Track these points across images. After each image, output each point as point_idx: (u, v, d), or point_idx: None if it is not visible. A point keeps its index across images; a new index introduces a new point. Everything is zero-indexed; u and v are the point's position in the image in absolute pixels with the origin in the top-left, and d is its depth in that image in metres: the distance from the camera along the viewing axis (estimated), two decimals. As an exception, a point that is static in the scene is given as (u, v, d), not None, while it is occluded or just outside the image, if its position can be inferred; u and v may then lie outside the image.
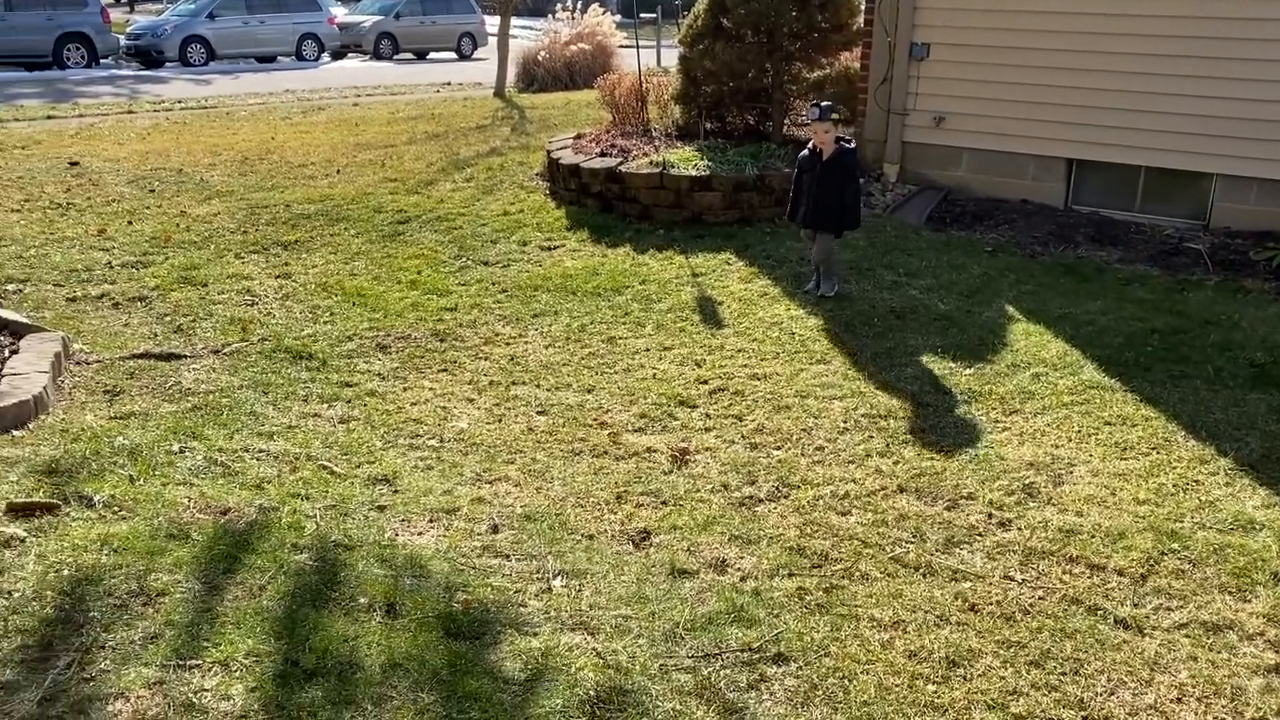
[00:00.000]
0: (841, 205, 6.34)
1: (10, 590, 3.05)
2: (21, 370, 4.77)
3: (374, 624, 3.08)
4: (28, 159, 10.81)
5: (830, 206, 6.32)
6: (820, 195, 6.35)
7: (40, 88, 18.68)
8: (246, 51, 26.09)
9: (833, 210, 6.33)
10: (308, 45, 26.93)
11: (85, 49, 23.32)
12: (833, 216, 6.35)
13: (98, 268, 7.03)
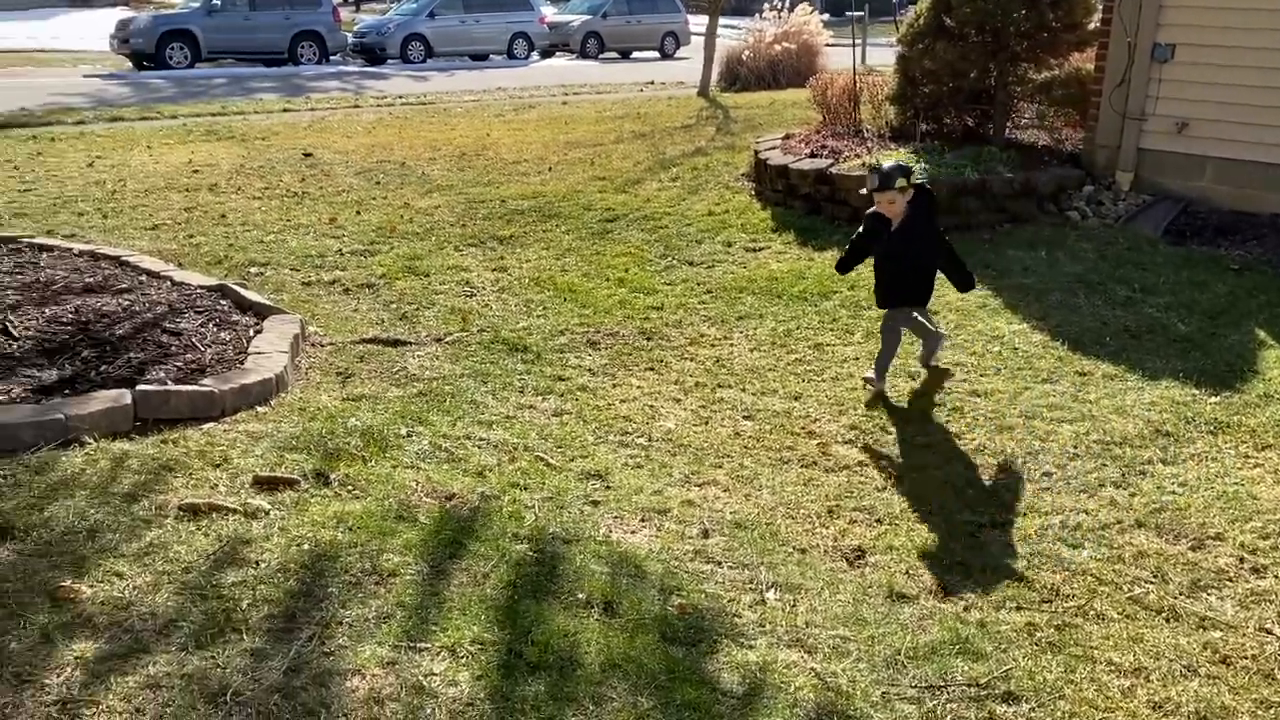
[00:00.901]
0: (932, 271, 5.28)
1: (258, 560, 3.23)
2: (265, 350, 5.09)
3: (592, 621, 3.10)
4: (267, 149, 11.60)
5: (921, 282, 5.25)
6: (904, 272, 5.21)
7: (276, 82, 20.05)
8: (462, 49, 27.22)
9: (923, 281, 5.26)
10: (519, 44, 27.85)
11: (317, 46, 24.91)
12: (922, 287, 5.28)
13: (329, 254, 7.45)
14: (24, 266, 6.16)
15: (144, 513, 3.43)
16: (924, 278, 5.25)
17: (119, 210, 8.51)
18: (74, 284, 5.82)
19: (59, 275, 6.00)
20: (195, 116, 14.55)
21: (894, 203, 5.02)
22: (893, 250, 5.17)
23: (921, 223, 5.10)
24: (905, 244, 5.11)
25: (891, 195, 5.00)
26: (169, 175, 10.03)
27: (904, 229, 5.08)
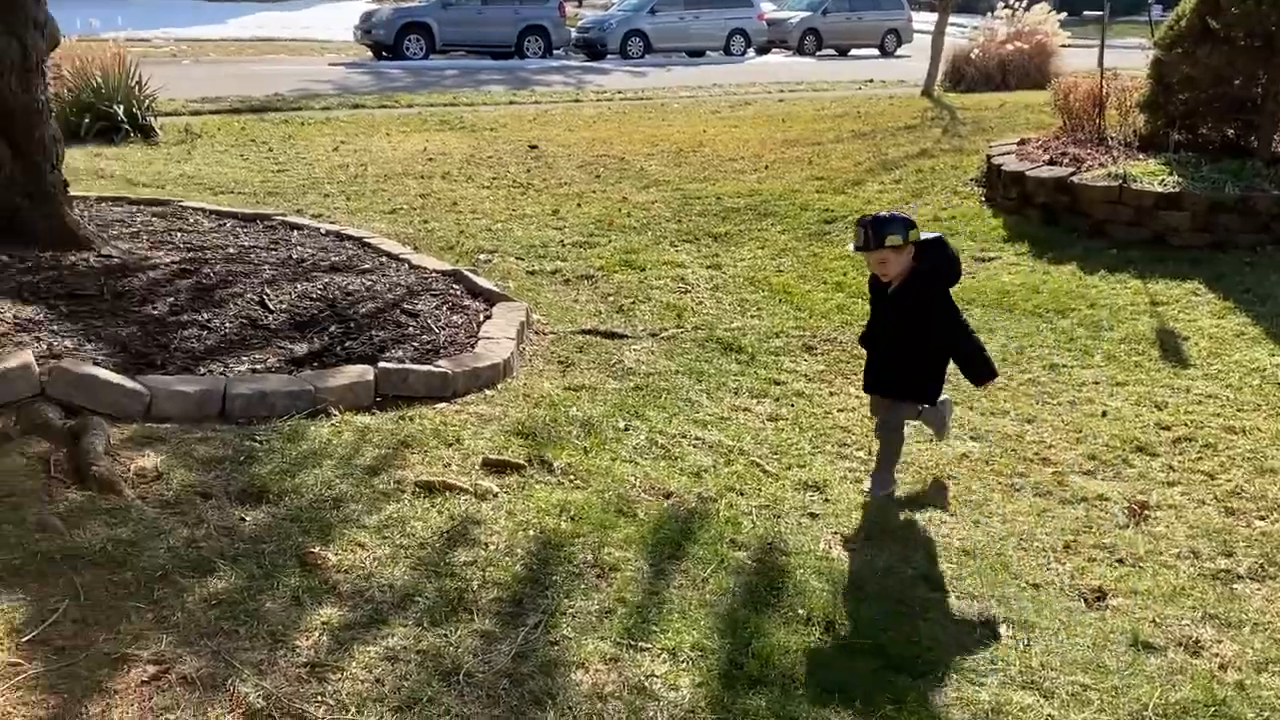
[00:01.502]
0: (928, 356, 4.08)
1: (487, 542, 3.32)
2: (493, 335, 5.25)
3: (813, 639, 3.02)
4: (495, 140, 12.05)
5: (913, 364, 4.07)
6: (895, 346, 4.11)
7: (503, 75, 20.84)
8: (679, 46, 27.46)
9: (917, 369, 4.08)
10: (736, 40, 27.84)
11: (542, 40, 25.72)
12: (917, 378, 4.12)
13: (552, 245, 7.64)
14: (278, 243, 6.61)
15: (383, 486, 3.59)
16: (906, 363, 4.06)
17: (361, 193, 9.03)
18: (322, 262, 6.20)
19: (308, 253, 6.41)
20: (429, 106, 15.29)
21: (885, 263, 3.93)
22: (880, 322, 4.17)
23: (921, 290, 3.95)
24: (893, 315, 4.07)
25: (882, 255, 3.90)
26: (405, 162, 10.57)
27: (898, 296, 4.00)
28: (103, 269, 5.44)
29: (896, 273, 3.94)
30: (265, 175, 9.67)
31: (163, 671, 2.53)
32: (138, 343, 4.54)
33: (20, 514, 3.14)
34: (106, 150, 10.38)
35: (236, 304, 5.20)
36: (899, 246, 3.86)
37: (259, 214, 7.42)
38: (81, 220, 6.05)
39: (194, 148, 11.00)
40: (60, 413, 3.84)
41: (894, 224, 3.89)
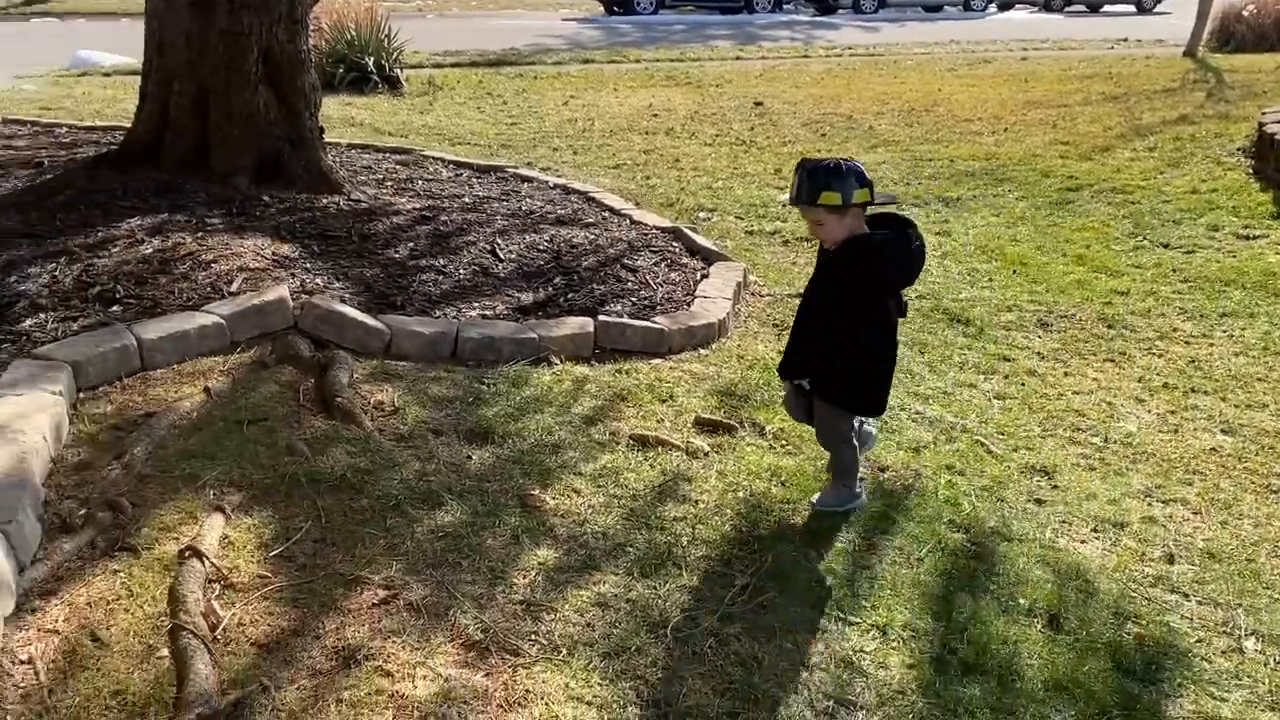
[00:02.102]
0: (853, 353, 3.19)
1: (697, 500, 3.33)
2: (710, 294, 5.24)
3: (1034, 632, 2.86)
4: (720, 97, 11.98)
5: (830, 349, 3.22)
6: (814, 323, 3.29)
7: (731, 30, 20.66)
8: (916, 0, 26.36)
9: (836, 357, 3.21)
10: (977, -5, 26.48)
11: (773, -6, 25.34)
12: (833, 371, 3.24)
13: (772, 205, 7.53)
14: (509, 195, 6.83)
15: (599, 436, 3.66)
16: (808, 344, 3.28)
17: (587, 148, 9.19)
18: (549, 215, 6.36)
19: (537, 205, 6.59)
20: (656, 62, 15.36)
21: (820, 225, 3.08)
22: (807, 292, 3.36)
23: (852, 271, 3.09)
24: (817, 288, 3.29)
25: (817, 215, 3.05)
26: (631, 117, 10.68)
27: (829, 267, 3.21)
28: (351, 212, 5.79)
29: (835, 237, 3.09)
30: (499, 128, 10.01)
31: (391, 596, 2.68)
32: (380, 284, 4.81)
33: (273, 437, 3.40)
34: (357, 100, 11.03)
35: (470, 252, 5.41)
36: (838, 209, 2.99)
37: (493, 165, 7.70)
38: (334, 165, 6.45)
39: (435, 99, 11.51)
40: (310, 345, 4.13)
41: (837, 177, 2.96)
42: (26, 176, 6.12)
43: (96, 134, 7.71)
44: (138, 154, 6.05)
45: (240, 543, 2.86)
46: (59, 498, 3.00)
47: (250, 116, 5.87)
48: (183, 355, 3.94)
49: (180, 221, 5.23)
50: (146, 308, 4.21)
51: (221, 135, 5.90)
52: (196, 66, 5.81)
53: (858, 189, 2.99)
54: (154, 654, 2.41)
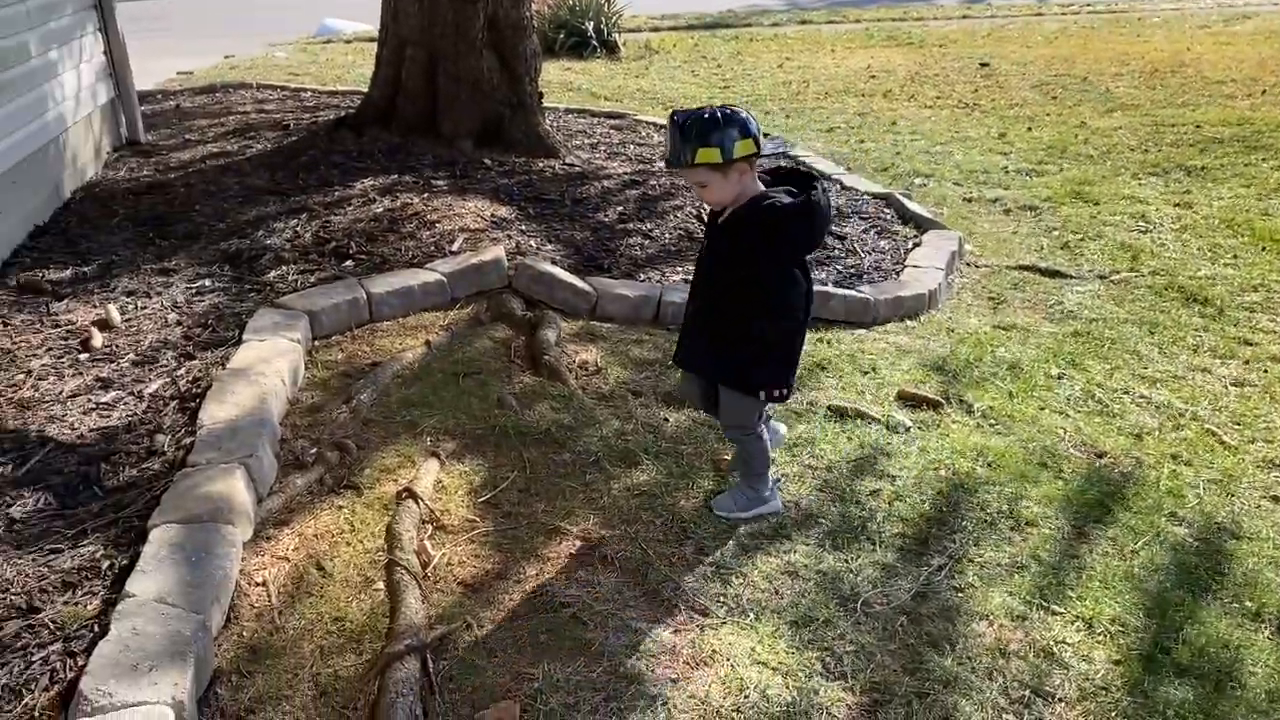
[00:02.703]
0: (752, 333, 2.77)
1: (895, 475, 3.26)
2: (921, 264, 5.07)
3: (1261, 638, 2.64)
4: (943, 57, 11.49)
5: (730, 331, 2.81)
6: (711, 304, 2.85)
7: (958, -12, 19.72)
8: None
9: (736, 339, 2.80)
10: (1239, -58, 24.08)
11: (1004, -50, 23.93)
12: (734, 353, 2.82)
13: (994, 171, 7.19)
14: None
15: (796, 405, 3.64)
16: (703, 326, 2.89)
17: (800, 110, 9.05)
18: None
19: (746, 169, 6.55)
20: (877, 21, 14.89)
21: (704, 187, 2.69)
22: (699, 264, 2.95)
23: (745, 235, 2.68)
24: (710, 257, 2.87)
25: (697, 175, 2.66)
26: (847, 79, 10.42)
27: (720, 232, 2.77)
28: (565, 176, 5.95)
29: (722, 200, 2.70)
30: (712, 91, 10.00)
31: (589, 548, 2.78)
32: (589, 246, 4.93)
33: (485, 390, 3.57)
34: (575, 65, 11.29)
35: (676, 216, 5.46)
36: (719, 167, 2.59)
37: (703, 129, 7.70)
38: (551, 130, 6.64)
39: (651, 63, 11.62)
40: (522, 304, 4.30)
41: (712, 129, 2.55)
42: (275, 138, 6.63)
43: (337, 98, 8.24)
44: (372, 117, 6.43)
45: (452, 488, 3.04)
46: (293, 436, 3.26)
47: (476, 82, 6.12)
48: (406, 309, 4.18)
49: (408, 182, 5.54)
50: (376, 264, 4.49)
51: (449, 100, 6.18)
52: (427, 33, 6.09)
53: (739, 140, 2.55)
54: (370, 586, 2.60)
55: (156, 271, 4.50)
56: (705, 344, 2.87)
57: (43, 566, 2.56)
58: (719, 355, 2.83)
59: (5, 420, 3.26)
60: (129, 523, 2.73)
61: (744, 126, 2.57)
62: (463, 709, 2.23)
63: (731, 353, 2.79)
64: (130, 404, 3.38)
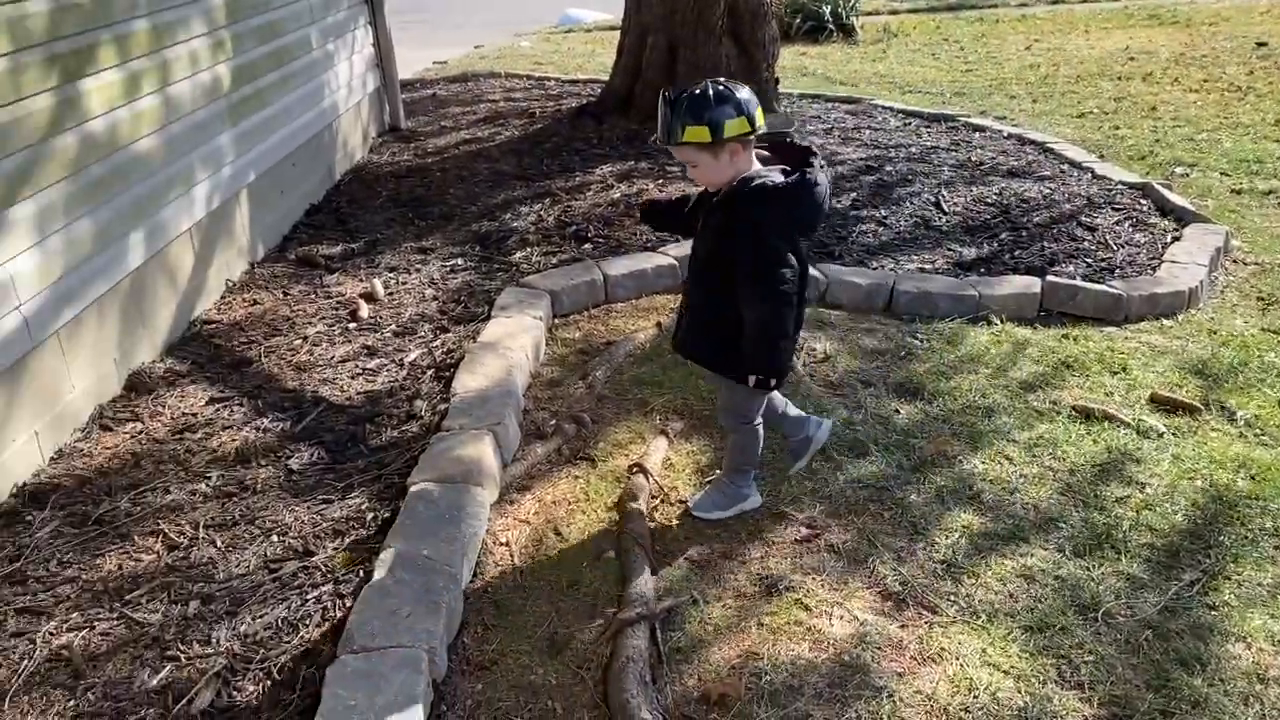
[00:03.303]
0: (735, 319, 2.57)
1: (1144, 483, 3.07)
2: (1180, 259, 4.73)
3: None
4: (1213, 37, 10.59)
5: (719, 315, 2.62)
6: (701, 286, 2.71)
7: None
8: None
9: (723, 324, 2.60)
10: None
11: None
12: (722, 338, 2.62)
13: (1269, 161, 6.58)
14: (958, 145, 6.60)
15: (1037, 404, 3.50)
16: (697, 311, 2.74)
17: (1048, 95, 8.59)
18: (1000, 166, 6.06)
19: (987, 156, 6.30)
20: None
21: (694, 166, 2.53)
22: (693, 246, 2.74)
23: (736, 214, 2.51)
24: (702, 238, 2.68)
25: (687, 154, 2.50)
26: (1102, 61, 9.79)
27: (714, 212, 2.59)
28: (798, 162, 5.93)
29: (713, 182, 2.56)
30: (953, 75, 9.65)
31: (814, 535, 2.79)
32: (820, 232, 4.90)
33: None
34: (810, 49, 11.17)
35: (912, 203, 5.34)
36: (708, 146, 2.46)
37: (943, 114, 7.46)
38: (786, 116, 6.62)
39: (889, 46, 11.34)
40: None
41: (703, 106, 2.43)
42: (521, 125, 6.96)
43: (578, 86, 8.54)
44: (613, 105, 6.63)
45: (680, 465, 3.12)
46: (535, 408, 3.44)
47: (713, 69, 6.19)
48: (640, 291, 4.31)
49: (644, 169, 5.68)
50: (612, 247, 4.65)
51: (685, 87, 6.28)
52: (669, 21, 6.22)
53: (733, 119, 2.42)
54: (603, 553, 2.72)
55: (415, 250, 4.84)
56: (697, 329, 2.75)
57: (316, 514, 2.84)
58: (709, 340, 2.71)
59: (285, 381, 3.62)
60: (390, 479, 2.97)
61: (739, 105, 2.44)
62: (688, 679, 2.30)
63: (719, 337, 2.65)
64: (392, 371, 3.67)
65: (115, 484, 3.01)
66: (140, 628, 2.42)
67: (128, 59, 3.67)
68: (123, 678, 2.27)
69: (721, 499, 2.91)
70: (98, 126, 3.46)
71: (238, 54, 4.62)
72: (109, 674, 2.29)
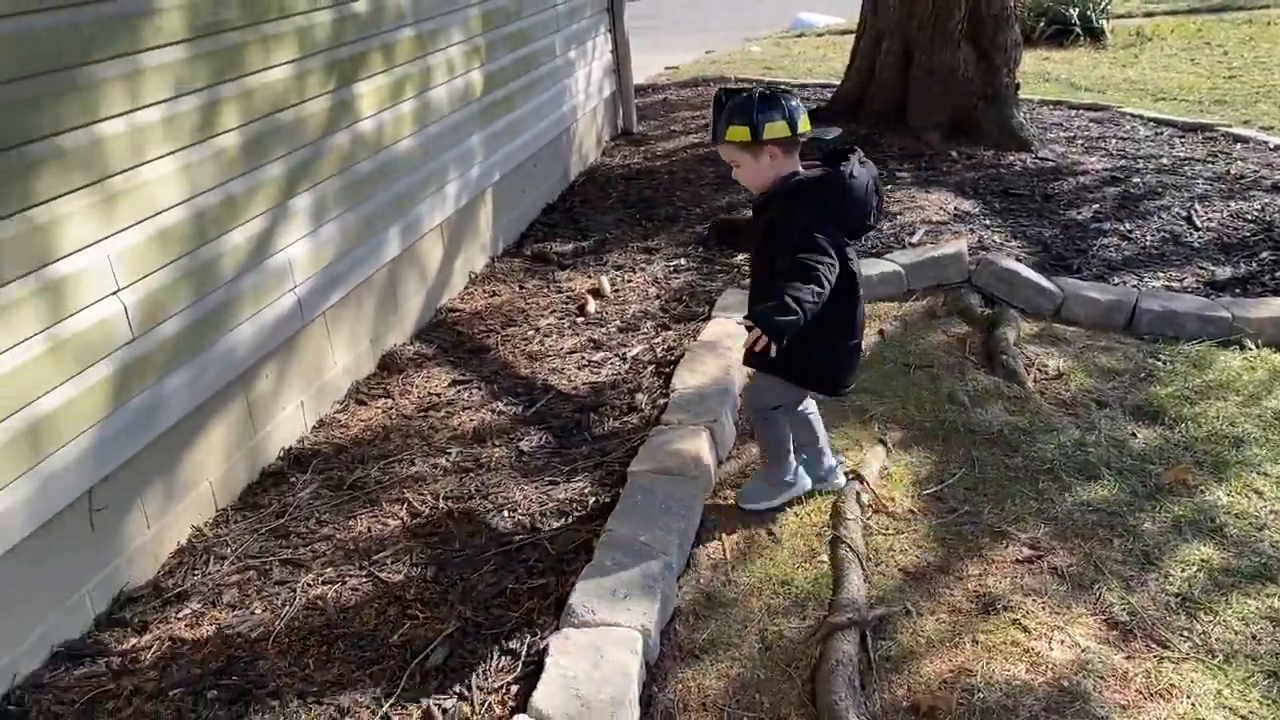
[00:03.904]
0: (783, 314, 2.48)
1: None
2: None
3: None
4: None
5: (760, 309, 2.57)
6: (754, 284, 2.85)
7: None
8: None
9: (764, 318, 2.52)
10: None
11: None
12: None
13: None
14: (1216, 156, 6.15)
15: (1299, 436, 3.24)
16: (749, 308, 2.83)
17: (1326, 103, 7.85)
18: (1263, 180, 5.61)
19: (1249, 169, 5.84)
20: None
21: (736, 166, 2.70)
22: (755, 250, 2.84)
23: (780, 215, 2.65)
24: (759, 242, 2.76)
25: (728, 152, 2.67)
26: (1394, 66, 8.84)
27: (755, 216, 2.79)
28: (1036, 171, 5.70)
29: (754, 183, 2.71)
30: (1214, 81, 8.96)
31: (1036, 556, 2.70)
32: (1058, 245, 4.71)
33: (936, 384, 3.58)
34: (1054, 54, 10.65)
35: (1161, 217, 5.03)
36: (749, 146, 2.60)
37: (1200, 124, 6.96)
38: (1024, 122, 6.38)
39: (1141, 51, 10.65)
40: (980, 300, 4.22)
41: (747, 108, 2.57)
42: (749, 129, 7.01)
43: (808, 90, 8.52)
44: (842, 109, 6.60)
45: (897, 476, 3.10)
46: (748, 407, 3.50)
47: (949, 73, 6.05)
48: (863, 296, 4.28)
49: (872, 174, 5.62)
50: (836, 252, 4.63)
51: (920, 91, 6.17)
52: (905, 25, 6.12)
53: (775, 122, 2.56)
54: (815, 557, 2.74)
55: (641, 249, 5.00)
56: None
57: (543, 494, 3.01)
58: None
59: (519, 368, 3.84)
60: (610, 466, 3.11)
61: (783, 110, 2.58)
62: (897, 689, 2.29)
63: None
64: (615, 365, 3.82)
65: (367, 454, 3.30)
66: (385, 586, 2.64)
67: (394, 65, 3.99)
68: (368, 630, 2.49)
69: (766, 489, 2.96)
70: (366, 127, 3.79)
71: (489, 61, 4.92)
72: (356, 625, 2.51)
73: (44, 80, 2.38)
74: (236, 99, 3.06)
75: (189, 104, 2.85)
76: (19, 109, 2.31)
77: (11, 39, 2.29)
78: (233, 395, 3.10)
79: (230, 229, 3.06)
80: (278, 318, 3.27)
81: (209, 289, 2.96)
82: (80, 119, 2.48)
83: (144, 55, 2.68)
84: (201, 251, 2.93)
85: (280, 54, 3.27)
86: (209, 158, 2.94)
